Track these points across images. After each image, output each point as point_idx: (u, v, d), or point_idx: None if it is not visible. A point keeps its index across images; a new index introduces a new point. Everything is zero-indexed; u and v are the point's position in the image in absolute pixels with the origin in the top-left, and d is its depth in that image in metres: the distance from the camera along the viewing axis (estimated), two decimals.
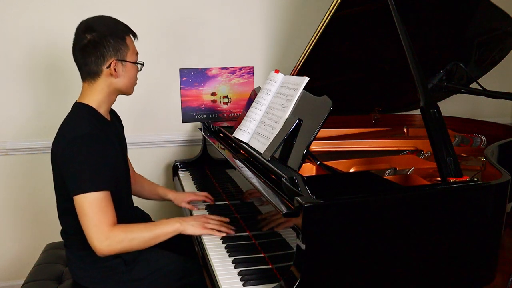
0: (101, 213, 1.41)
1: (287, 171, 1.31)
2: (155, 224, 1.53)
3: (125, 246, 1.45)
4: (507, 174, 1.27)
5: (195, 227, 1.53)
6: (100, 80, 1.55)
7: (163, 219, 1.56)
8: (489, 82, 2.05)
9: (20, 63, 2.36)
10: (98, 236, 1.40)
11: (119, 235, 1.42)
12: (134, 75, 1.62)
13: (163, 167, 2.61)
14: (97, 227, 1.40)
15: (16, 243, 2.48)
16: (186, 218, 1.57)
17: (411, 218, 1.16)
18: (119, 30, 1.56)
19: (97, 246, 1.41)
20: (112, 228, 1.42)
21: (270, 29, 2.63)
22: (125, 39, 1.56)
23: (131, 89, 1.65)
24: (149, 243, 1.49)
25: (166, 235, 1.50)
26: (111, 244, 1.41)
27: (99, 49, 1.51)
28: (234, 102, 2.67)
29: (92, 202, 1.41)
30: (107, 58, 1.52)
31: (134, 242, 1.46)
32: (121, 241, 1.43)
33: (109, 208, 1.44)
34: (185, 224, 1.52)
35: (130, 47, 1.58)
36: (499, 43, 2.21)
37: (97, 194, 1.42)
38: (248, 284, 1.23)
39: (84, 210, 1.41)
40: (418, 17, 1.94)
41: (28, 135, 2.41)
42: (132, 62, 1.59)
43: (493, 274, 1.24)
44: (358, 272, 1.12)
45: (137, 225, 1.50)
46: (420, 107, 1.37)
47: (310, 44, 1.94)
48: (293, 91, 1.56)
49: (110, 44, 1.52)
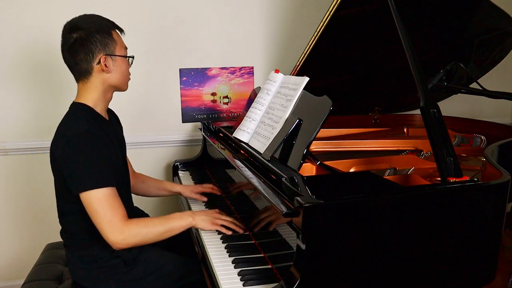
0: (112, 208, 1.43)
1: (287, 171, 1.31)
2: (168, 218, 1.53)
3: (140, 240, 1.47)
4: (507, 174, 1.27)
5: (205, 222, 1.53)
6: (92, 78, 1.56)
7: (177, 213, 1.58)
8: (489, 82, 2.05)
9: (20, 63, 2.36)
10: (113, 231, 1.42)
11: (134, 229, 1.45)
12: (125, 69, 1.62)
13: (163, 167, 2.61)
14: (111, 223, 1.42)
15: (16, 243, 2.48)
16: (198, 212, 1.58)
17: (411, 218, 1.16)
18: (105, 26, 1.56)
19: (113, 241, 1.43)
20: (126, 223, 1.44)
21: (270, 29, 2.63)
22: (111, 34, 1.57)
23: (125, 84, 1.65)
24: (163, 236, 1.50)
25: (179, 228, 1.52)
26: (126, 238, 1.43)
27: (87, 46, 1.51)
28: (234, 102, 2.67)
29: (101, 198, 1.42)
30: (95, 54, 1.53)
31: (149, 235, 1.47)
32: (136, 235, 1.45)
33: (119, 203, 1.47)
34: (197, 218, 1.54)
35: (118, 42, 1.58)
36: (499, 43, 2.21)
37: (105, 190, 1.43)
38: (248, 284, 1.23)
39: (94, 207, 1.42)
40: (418, 17, 1.94)
41: (28, 135, 2.41)
42: (122, 56, 1.59)
43: (493, 274, 1.24)
44: (358, 272, 1.12)
45: (151, 219, 1.53)
46: (420, 107, 1.37)
47: (310, 44, 1.94)
48: (293, 91, 1.56)
49: (97, 39, 1.52)
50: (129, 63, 1.64)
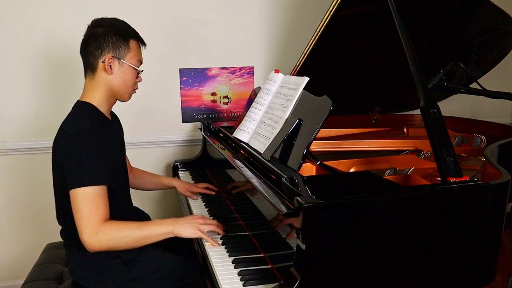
0: (94, 207, 1.41)
1: (287, 171, 1.31)
2: (147, 224, 1.50)
3: (115, 244, 1.44)
4: (507, 174, 1.27)
5: (189, 229, 1.48)
6: (97, 75, 1.58)
7: (157, 219, 1.54)
8: (489, 82, 2.05)
9: (20, 63, 2.36)
10: (87, 231, 1.40)
11: (109, 232, 1.41)
12: (130, 78, 1.61)
13: (163, 167, 2.61)
14: (88, 221, 1.40)
15: (16, 243, 2.48)
16: (180, 220, 1.51)
17: (411, 218, 1.16)
18: (124, 32, 1.60)
19: (86, 240, 1.40)
20: (103, 224, 1.41)
21: (270, 29, 2.63)
22: (128, 40, 1.59)
23: (126, 93, 1.64)
24: (139, 243, 1.46)
25: (157, 236, 1.47)
26: (100, 240, 1.41)
27: (99, 42, 1.55)
28: (234, 102, 2.67)
29: (86, 196, 1.41)
30: (104, 53, 1.56)
31: (123, 240, 1.44)
32: (111, 238, 1.42)
33: (103, 203, 1.44)
34: (178, 226, 1.48)
35: (132, 51, 1.60)
36: (499, 43, 2.21)
37: (93, 189, 1.42)
38: (248, 284, 1.23)
39: (77, 204, 1.41)
40: (418, 17, 1.94)
41: (28, 135, 2.41)
42: (129, 64, 1.59)
43: (493, 273, 1.24)
44: (358, 272, 1.12)
45: (129, 223, 1.47)
46: (420, 107, 1.37)
47: (310, 44, 1.94)
48: (293, 91, 1.56)
49: (111, 40, 1.56)
50: (137, 75, 1.64)
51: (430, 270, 1.18)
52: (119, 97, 1.64)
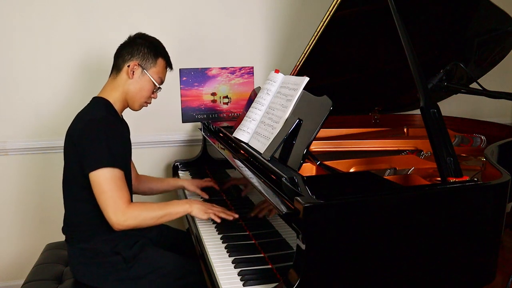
0: (119, 190, 1.52)
1: (287, 171, 1.31)
2: (167, 203, 1.63)
3: (140, 222, 1.54)
4: (507, 174, 1.27)
5: (199, 210, 1.61)
6: (119, 76, 1.71)
7: (175, 200, 1.69)
8: (489, 82, 2.05)
9: (19, 62, 2.36)
10: (116, 212, 1.50)
11: (135, 212, 1.52)
12: (146, 90, 1.73)
13: (163, 167, 2.61)
14: (116, 203, 1.50)
15: (16, 243, 2.48)
16: (194, 201, 1.66)
17: (411, 218, 1.16)
18: (157, 50, 1.74)
19: (115, 221, 1.50)
20: (129, 205, 1.53)
21: (270, 29, 2.63)
22: (158, 58, 1.73)
23: (138, 102, 1.75)
24: (160, 220, 1.58)
25: (176, 214, 1.61)
26: (127, 220, 1.51)
27: (133, 48, 1.71)
28: (234, 102, 2.67)
29: (110, 179, 1.50)
30: (132, 58, 1.70)
31: (147, 219, 1.55)
32: (136, 217, 1.53)
33: (126, 186, 1.56)
34: (193, 206, 1.62)
35: (158, 68, 1.74)
36: (499, 43, 2.21)
37: (115, 171, 1.52)
38: (248, 284, 1.23)
39: (102, 186, 1.50)
40: (418, 17, 1.94)
41: (28, 135, 2.41)
42: (150, 77, 1.71)
43: (493, 274, 1.24)
44: (358, 272, 1.12)
45: (151, 203, 1.62)
46: (420, 107, 1.37)
47: (310, 44, 1.94)
48: (293, 91, 1.56)
49: (142, 51, 1.71)
50: (154, 90, 1.76)
51: (430, 270, 1.18)
52: (130, 103, 1.74)
